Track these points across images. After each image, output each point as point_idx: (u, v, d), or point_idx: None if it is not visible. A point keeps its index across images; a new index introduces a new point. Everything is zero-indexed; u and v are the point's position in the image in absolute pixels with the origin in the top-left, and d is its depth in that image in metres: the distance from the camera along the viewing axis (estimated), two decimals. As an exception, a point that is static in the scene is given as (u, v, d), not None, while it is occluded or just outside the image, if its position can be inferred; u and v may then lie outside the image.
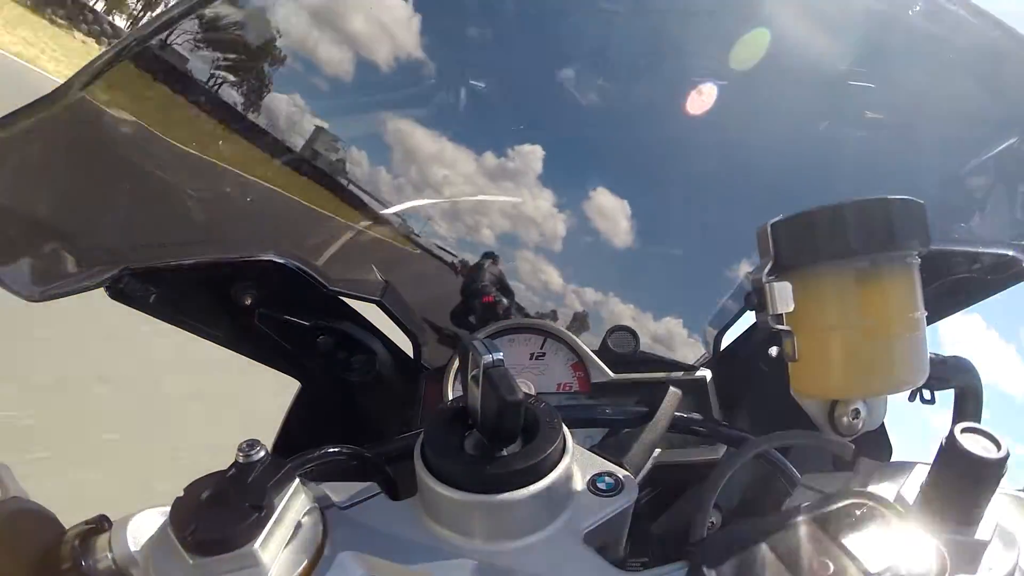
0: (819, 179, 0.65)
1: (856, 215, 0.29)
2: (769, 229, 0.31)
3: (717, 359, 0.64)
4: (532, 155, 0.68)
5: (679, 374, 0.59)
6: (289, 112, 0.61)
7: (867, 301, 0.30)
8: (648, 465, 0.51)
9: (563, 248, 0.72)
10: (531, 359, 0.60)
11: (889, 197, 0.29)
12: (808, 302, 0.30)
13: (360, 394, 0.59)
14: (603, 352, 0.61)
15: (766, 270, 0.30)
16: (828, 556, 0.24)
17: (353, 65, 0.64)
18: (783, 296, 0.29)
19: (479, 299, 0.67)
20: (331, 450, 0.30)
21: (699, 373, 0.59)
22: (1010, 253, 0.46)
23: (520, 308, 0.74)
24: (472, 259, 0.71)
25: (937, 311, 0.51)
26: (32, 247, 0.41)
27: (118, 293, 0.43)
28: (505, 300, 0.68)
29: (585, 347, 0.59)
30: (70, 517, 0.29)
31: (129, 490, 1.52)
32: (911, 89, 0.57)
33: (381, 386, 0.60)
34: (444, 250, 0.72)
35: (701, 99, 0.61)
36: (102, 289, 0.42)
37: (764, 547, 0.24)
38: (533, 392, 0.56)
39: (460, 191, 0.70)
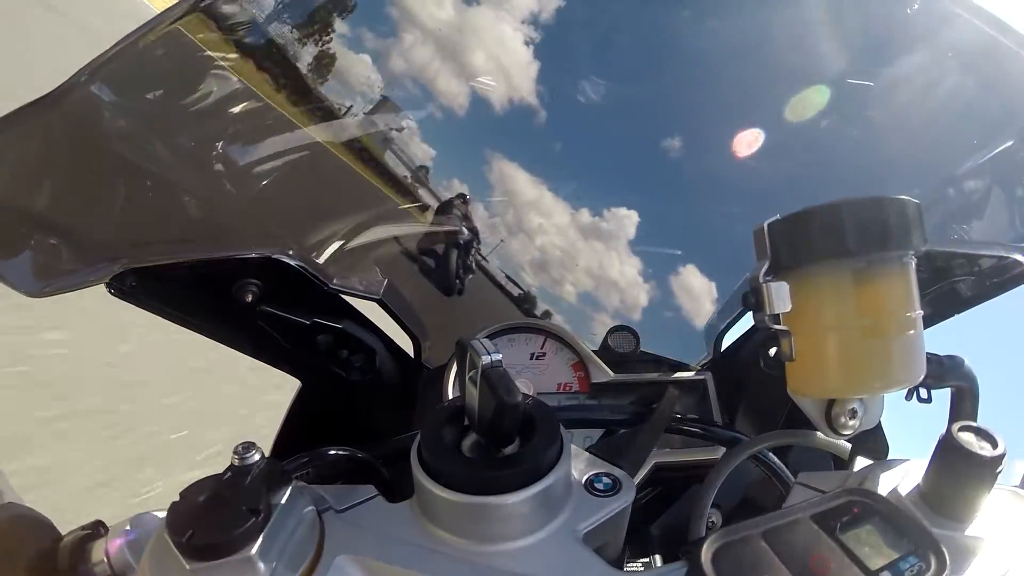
0: (819, 179, 0.65)
1: (853, 215, 0.29)
2: (766, 229, 0.31)
3: (717, 359, 0.64)
4: (627, 219, 0.69)
5: (679, 374, 0.59)
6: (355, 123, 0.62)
7: (864, 301, 0.30)
8: (648, 465, 0.51)
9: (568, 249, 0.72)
10: (531, 359, 0.60)
11: (886, 197, 0.29)
12: (805, 302, 0.30)
13: (360, 393, 0.59)
14: (603, 352, 0.61)
15: (763, 270, 0.30)
16: (827, 554, 0.24)
17: (467, 99, 0.65)
18: (780, 296, 0.29)
19: (442, 229, 0.68)
20: (327, 452, 0.30)
21: (700, 374, 0.59)
22: (1011, 256, 0.46)
23: (520, 307, 0.74)
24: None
25: (937, 313, 0.51)
26: (33, 243, 0.41)
27: (119, 290, 0.43)
28: (467, 231, 0.69)
29: (585, 347, 0.60)
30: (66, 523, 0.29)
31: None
32: (910, 90, 0.57)
33: (381, 385, 0.59)
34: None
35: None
36: (103, 285, 0.42)
37: (763, 546, 0.24)
38: (531, 392, 0.56)
39: (550, 241, 0.70)
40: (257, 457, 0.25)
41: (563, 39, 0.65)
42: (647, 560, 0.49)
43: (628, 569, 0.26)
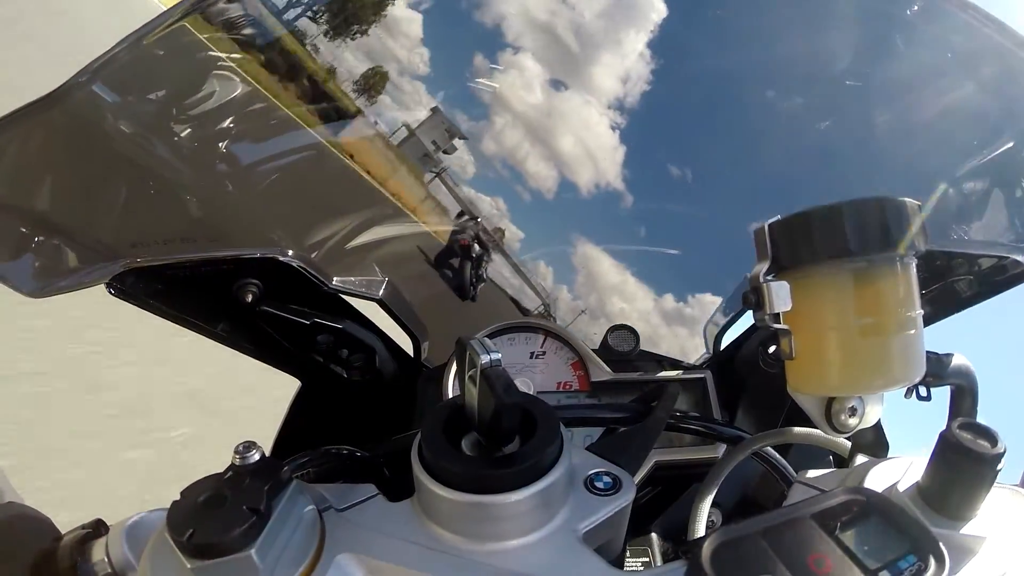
0: (818, 180, 0.65)
1: (853, 215, 0.29)
2: (767, 229, 0.31)
3: (717, 358, 0.64)
4: (711, 304, 0.69)
5: (679, 373, 0.59)
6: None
7: (864, 300, 0.30)
8: (649, 464, 0.51)
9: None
10: (531, 358, 0.60)
11: (886, 197, 0.29)
12: (805, 301, 0.30)
13: (360, 393, 0.59)
14: (603, 351, 0.61)
15: (764, 270, 0.30)
16: (826, 553, 0.24)
17: (555, 183, 0.65)
18: (780, 295, 0.29)
19: (458, 242, 0.71)
20: (328, 451, 0.30)
21: (699, 372, 0.59)
22: (1010, 256, 0.46)
23: (520, 307, 0.75)
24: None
25: (937, 313, 0.51)
26: (34, 243, 0.41)
27: (119, 290, 0.43)
28: (478, 247, 0.72)
29: (585, 346, 0.60)
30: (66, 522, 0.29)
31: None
32: (911, 91, 0.57)
33: (381, 385, 0.60)
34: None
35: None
36: (103, 285, 0.42)
37: (763, 544, 0.24)
38: (532, 392, 0.56)
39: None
40: (257, 456, 0.25)
41: (649, 123, 0.66)
42: (647, 559, 0.49)
43: (628, 568, 0.26)
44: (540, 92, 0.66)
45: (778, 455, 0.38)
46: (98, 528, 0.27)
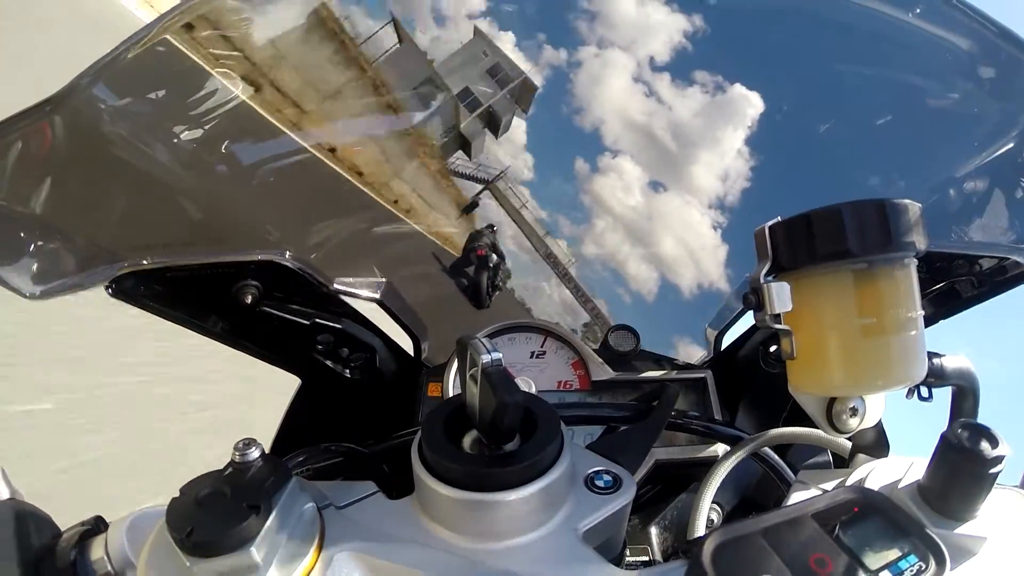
0: (817, 180, 0.65)
1: (854, 217, 0.29)
2: (767, 231, 0.31)
3: (717, 358, 0.64)
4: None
5: (679, 373, 0.59)
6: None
7: (865, 301, 0.30)
8: (649, 463, 0.51)
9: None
10: (532, 357, 0.60)
11: (887, 199, 0.29)
12: (806, 302, 0.30)
13: (360, 392, 0.59)
14: (604, 351, 0.61)
15: (764, 271, 0.30)
16: (827, 552, 0.24)
17: (656, 284, 0.66)
18: (781, 297, 0.29)
19: (474, 252, 0.71)
20: (328, 448, 0.30)
21: (699, 372, 0.59)
22: (1011, 257, 0.46)
23: (521, 307, 0.75)
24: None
25: (937, 313, 0.51)
26: (33, 246, 0.41)
27: (118, 292, 0.43)
28: (495, 256, 0.73)
29: (585, 346, 0.60)
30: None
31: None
32: (911, 92, 0.57)
33: (381, 384, 0.60)
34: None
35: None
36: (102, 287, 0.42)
37: (763, 544, 0.24)
38: (532, 390, 0.56)
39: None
40: (257, 454, 0.25)
41: (749, 221, 0.66)
42: (647, 558, 0.49)
43: (627, 567, 0.26)
44: (639, 194, 0.66)
45: (777, 457, 0.38)
46: (97, 525, 0.27)
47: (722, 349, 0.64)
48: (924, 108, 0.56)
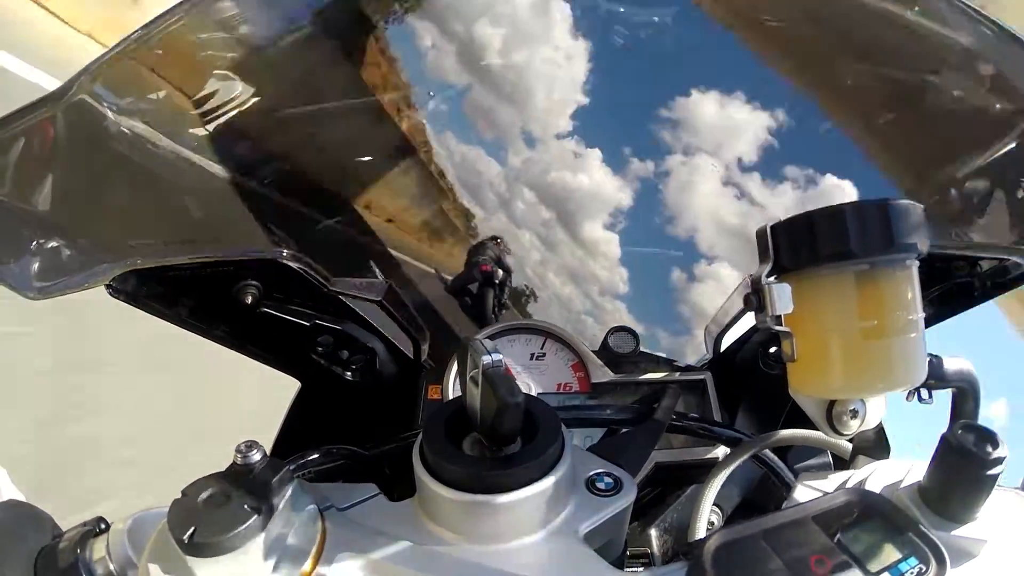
0: (818, 182, 0.65)
1: (856, 218, 0.29)
2: (769, 231, 0.31)
3: (717, 360, 0.64)
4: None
5: (679, 375, 0.59)
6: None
7: (866, 303, 0.30)
8: (649, 465, 0.51)
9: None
10: (531, 359, 0.60)
11: (888, 200, 0.29)
12: (807, 303, 0.30)
13: (361, 394, 0.59)
14: (603, 352, 0.61)
15: (766, 271, 0.30)
16: (827, 554, 0.24)
17: None
18: (782, 298, 0.29)
19: (478, 268, 0.69)
20: (329, 450, 0.30)
21: (699, 374, 0.59)
22: (1011, 258, 0.46)
23: (520, 308, 0.74)
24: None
25: (938, 315, 0.51)
26: (33, 244, 0.41)
27: (119, 291, 0.43)
28: (501, 272, 0.70)
29: (585, 347, 0.59)
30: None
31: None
32: (912, 91, 0.57)
33: (382, 386, 0.60)
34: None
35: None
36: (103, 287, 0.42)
37: (764, 546, 0.24)
38: (533, 392, 0.56)
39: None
40: (259, 456, 0.25)
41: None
42: (648, 560, 0.49)
43: (628, 569, 0.26)
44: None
45: (777, 459, 0.38)
46: (99, 525, 0.27)
47: (722, 350, 0.64)
48: (924, 107, 0.56)
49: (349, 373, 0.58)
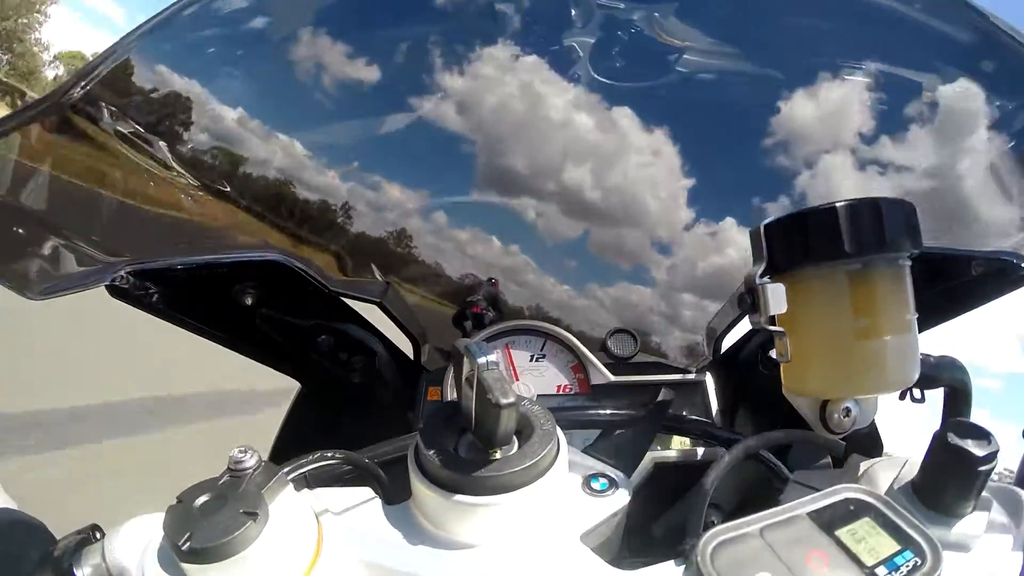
0: (815, 181, 0.65)
1: (849, 217, 0.29)
2: (763, 230, 0.31)
3: (717, 362, 0.64)
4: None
5: (679, 376, 0.59)
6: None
7: (859, 302, 0.30)
8: (649, 466, 0.51)
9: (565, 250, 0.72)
10: (531, 361, 0.60)
11: (881, 198, 0.29)
12: (800, 303, 0.30)
13: (361, 395, 0.59)
14: (603, 354, 0.61)
15: (759, 272, 0.30)
16: (824, 550, 0.24)
17: None
18: (776, 298, 0.29)
19: (471, 308, 0.69)
20: (324, 455, 0.30)
21: (699, 376, 0.59)
22: (1011, 259, 0.45)
23: (520, 310, 0.74)
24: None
25: (936, 316, 0.50)
26: (33, 246, 0.41)
27: (119, 292, 0.43)
28: (491, 313, 0.70)
29: (585, 349, 0.59)
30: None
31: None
32: (910, 89, 0.56)
33: (381, 387, 0.59)
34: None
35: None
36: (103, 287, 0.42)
37: (761, 543, 0.24)
38: (532, 395, 0.56)
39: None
40: (254, 461, 0.25)
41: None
42: (646, 558, 0.49)
43: (626, 567, 0.26)
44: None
45: (773, 457, 0.39)
46: (93, 533, 0.27)
47: (721, 352, 0.64)
48: (923, 105, 0.55)
49: (349, 374, 0.58)
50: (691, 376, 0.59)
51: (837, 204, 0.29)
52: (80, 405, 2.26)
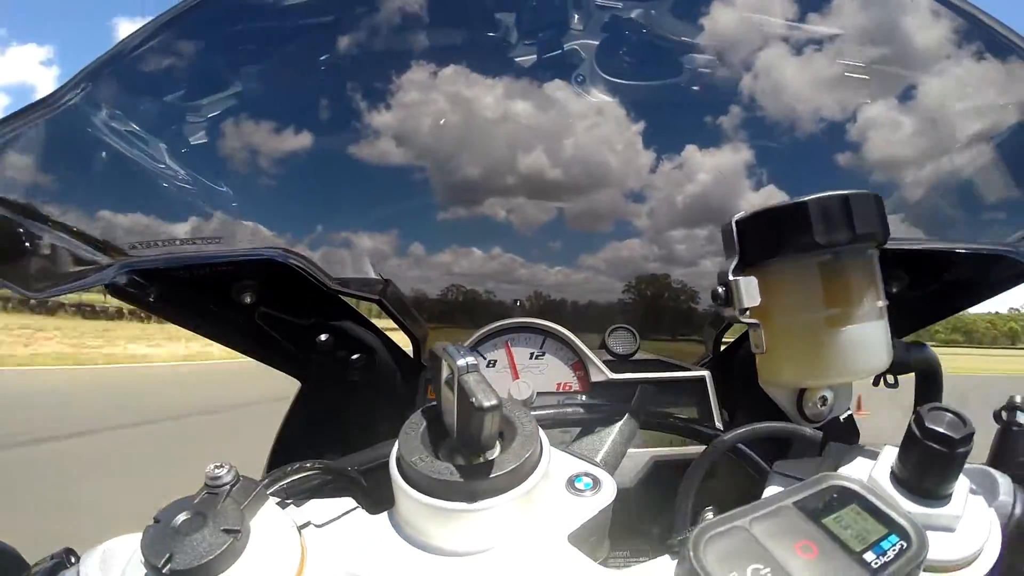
0: (814, 178, 0.66)
1: (818, 210, 0.29)
2: (734, 225, 0.31)
3: (716, 358, 0.64)
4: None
5: (678, 374, 0.59)
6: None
7: (830, 292, 0.30)
8: (648, 464, 0.51)
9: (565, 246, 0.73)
10: (531, 358, 0.59)
11: (849, 192, 0.30)
12: (773, 295, 0.31)
13: (360, 393, 0.59)
14: (603, 351, 0.61)
15: (732, 266, 0.31)
16: (812, 538, 0.24)
17: None
18: (750, 291, 0.30)
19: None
20: (303, 467, 0.30)
21: (698, 372, 0.59)
22: (1009, 256, 0.45)
23: (521, 308, 0.73)
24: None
25: (936, 312, 0.50)
26: (33, 245, 0.41)
27: (119, 291, 0.43)
28: None
29: (584, 347, 0.59)
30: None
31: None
32: (909, 87, 0.56)
33: (381, 385, 0.59)
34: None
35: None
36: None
37: (749, 535, 0.24)
38: (532, 393, 0.56)
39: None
40: (230, 476, 0.25)
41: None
42: (636, 556, 0.49)
43: (616, 566, 0.26)
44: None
45: (749, 451, 0.39)
46: (68, 557, 0.27)
47: (721, 349, 0.64)
48: (922, 104, 0.55)
49: (349, 372, 0.57)
50: (691, 373, 0.59)
51: (807, 199, 0.30)
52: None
